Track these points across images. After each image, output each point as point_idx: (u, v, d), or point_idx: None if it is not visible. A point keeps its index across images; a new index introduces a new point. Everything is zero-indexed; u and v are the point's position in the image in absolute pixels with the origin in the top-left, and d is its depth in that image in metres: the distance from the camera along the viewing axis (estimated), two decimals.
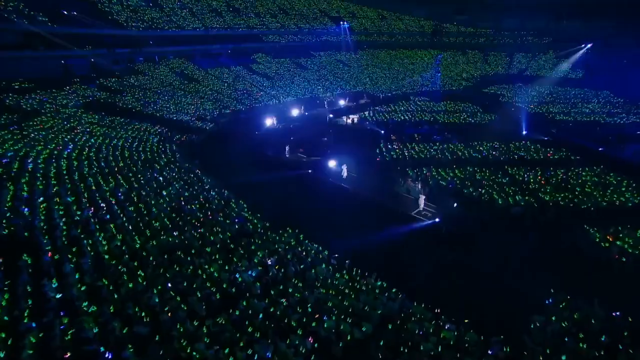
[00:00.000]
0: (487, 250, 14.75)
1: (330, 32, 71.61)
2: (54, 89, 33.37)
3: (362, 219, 16.71)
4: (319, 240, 14.51)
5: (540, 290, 11.44)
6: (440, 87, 56.70)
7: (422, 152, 25.84)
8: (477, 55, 77.47)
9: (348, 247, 14.06)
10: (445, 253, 14.31)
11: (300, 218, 16.77)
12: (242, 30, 59.15)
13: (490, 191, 19.38)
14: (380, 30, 76.61)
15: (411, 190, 20.24)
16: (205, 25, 54.40)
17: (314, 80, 56.80)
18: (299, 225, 15.87)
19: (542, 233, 16.02)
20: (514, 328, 9.46)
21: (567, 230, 16.07)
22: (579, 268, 13.35)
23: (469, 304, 10.88)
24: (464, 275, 12.99)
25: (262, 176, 22.52)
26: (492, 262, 13.90)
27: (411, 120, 35.89)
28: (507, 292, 11.92)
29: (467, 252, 14.46)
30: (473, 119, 36.82)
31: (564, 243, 15.26)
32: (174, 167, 22.18)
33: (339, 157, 24.48)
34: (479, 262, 13.87)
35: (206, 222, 14.83)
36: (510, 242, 15.32)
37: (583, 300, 10.50)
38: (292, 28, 67.16)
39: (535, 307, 10.52)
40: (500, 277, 13.02)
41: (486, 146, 27.09)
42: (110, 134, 27.10)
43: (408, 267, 13.44)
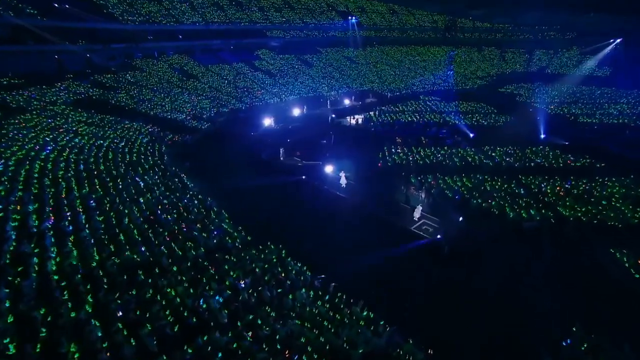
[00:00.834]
0: (495, 273, 13.42)
1: (338, 27, 70.49)
2: (45, 85, 33.11)
3: (355, 234, 15.56)
4: (303, 258, 13.43)
5: (556, 326, 10.11)
6: (452, 86, 55.00)
7: (428, 157, 24.50)
8: (494, 52, 75.26)
9: (335, 267, 12.97)
10: (446, 277, 13.03)
11: (287, 231, 15.79)
12: (245, 25, 58.43)
13: (502, 203, 17.98)
14: (390, 26, 75.13)
15: (411, 200, 18.99)
16: (205, 20, 53.82)
17: (318, 78, 55.78)
18: (285, 239, 14.84)
19: (560, 253, 14.61)
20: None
21: (589, 252, 14.60)
22: (604, 299, 11.89)
23: (470, 342, 9.63)
24: (466, 305, 11.71)
25: (252, 182, 21.56)
26: (500, 289, 12.56)
27: (419, 122, 34.48)
28: (516, 327, 10.61)
29: (471, 276, 13.14)
30: (486, 121, 35.18)
31: (585, 267, 13.81)
32: (158, 171, 21.37)
33: (338, 161, 23.47)
34: (484, 289, 12.55)
35: (181, 235, 13.87)
36: (522, 264, 13.96)
37: (609, 341, 9.13)
38: (297, 23, 66.27)
39: (551, 348, 9.21)
40: (508, 307, 11.69)
41: (499, 151, 25.56)
42: (97, 134, 26.52)
43: (402, 293, 12.22)
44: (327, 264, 13.47)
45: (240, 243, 14.23)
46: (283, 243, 14.25)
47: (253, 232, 15.14)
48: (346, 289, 11.72)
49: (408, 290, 12.34)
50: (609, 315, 10.98)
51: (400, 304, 11.52)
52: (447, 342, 9.45)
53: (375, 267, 13.32)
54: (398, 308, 11.26)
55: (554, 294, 12.45)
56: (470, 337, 9.95)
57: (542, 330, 10.21)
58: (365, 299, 11.01)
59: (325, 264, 13.49)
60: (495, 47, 75.77)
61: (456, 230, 15.49)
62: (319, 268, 13.03)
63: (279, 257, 13.42)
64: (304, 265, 13.09)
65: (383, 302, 11.27)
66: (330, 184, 20.90)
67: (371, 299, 11.10)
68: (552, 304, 11.86)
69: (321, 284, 12.19)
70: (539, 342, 9.69)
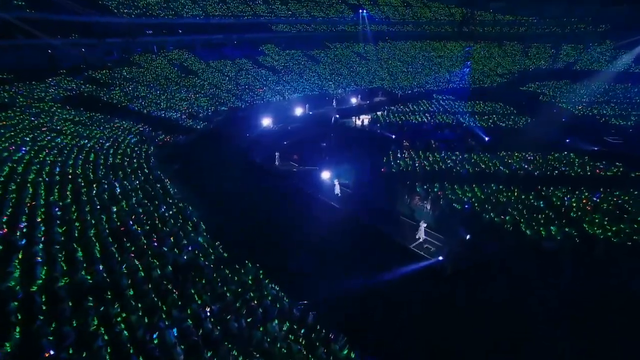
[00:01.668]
0: (505, 303, 11.99)
1: (348, 21, 69.25)
2: (35, 81, 32.95)
3: (346, 252, 14.33)
4: (284, 281, 12.31)
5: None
6: (469, 84, 53.10)
7: (437, 163, 23.05)
8: (516, 47, 72.63)
9: (320, 292, 11.82)
10: (446, 307, 11.67)
11: (270, 247, 14.70)
12: (248, 18, 57.77)
13: (518, 218, 16.47)
14: (404, 19, 73.42)
15: (415, 212, 17.64)
16: (206, 13, 53.34)
17: (325, 75, 54.67)
18: (266, 257, 13.80)
19: (585, 278, 13.07)
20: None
21: (620, 279, 13.00)
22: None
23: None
24: (467, 344, 10.34)
25: (242, 188, 20.62)
26: (510, 324, 11.14)
27: (430, 123, 32.95)
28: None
29: (476, 306, 11.74)
30: (504, 123, 33.36)
31: (615, 296, 12.24)
32: (140, 175, 20.57)
33: (338, 166, 22.35)
34: (490, 323, 11.14)
35: (150, 250, 12.90)
36: (540, 291, 12.48)
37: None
38: (304, 16, 65.30)
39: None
40: (519, 348, 10.28)
41: (517, 158, 23.88)
42: (82, 133, 26.01)
43: (391, 328, 10.92)
44: (311, 287, 12.34)
45: (215, 261, 13.19)
46: (264, 261, 13.22)
47: (232, 248, 14.16)
48: (329, 319, 10.55)
49: (398, 324, 11.01)
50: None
51: (388, 341, 10.22)
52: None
53: (365, 293, 12.06)
54: (384, 347, 9.97)
55: (576, 326, 10.98)
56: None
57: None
58: (348, 334, 9.79)
59: (309, 287, 12.36)
60: (518, 42, 73.04)
61: (461, 250, 14.09)
62: (301, 292, 11.90)
63: (256, 278, 12.32)
64: (284, 289, 11.96)
65: (368, 339, 9.99)
66: (325, 192, 19.71)
67: (355, 334, 9.86)
68: (573, 341, 10.38)
69: (300, 313, 11.02)
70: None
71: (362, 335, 10.15)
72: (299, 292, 11.93)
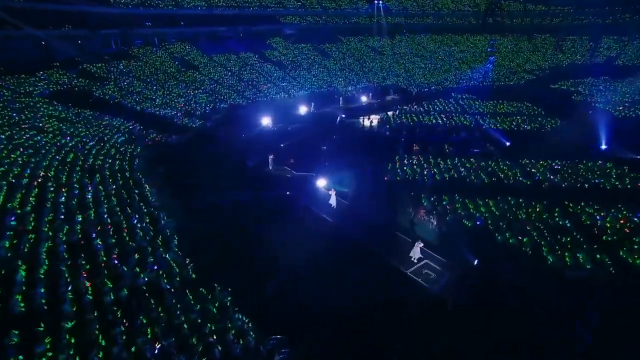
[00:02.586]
0: (519, 346, 10.46)
1: (362, 12, 67.79)
2: (24, 74, 32.96)
3: (334, 274, 13.05)
4: (254, 311, 11.16)
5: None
6: (493, 81, 50.85)
7: (448, 171, 21.46)
8: (549, 40, 69.44)
9: (295, 325, 10.63)
10: (445, 352, 10.22)
11: (247, 268, 13.59)
12: (255, 9, 57.10)
13: (538, 240, 14.79)
14: (423, 11, 71.35)
15: (418, 228, 16.22)
16: (208, 3, 52.90)
17: (335, 71, 53.52)
18: (240, 279, 12.72)
19: (619, 316, 11.39)
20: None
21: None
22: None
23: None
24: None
25: (228, 196, 19.59)
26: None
27: (445, 125, 31.24)
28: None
29: (481, 351, 10.26)
30: (529, 125, 31.29)
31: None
32: (119, 179, 19.84)
33: (337, 173, 21.17)
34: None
35: (107, 269, 11.98)
36: (564, 333, 10.89)
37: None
38: (315, 8, 64.23)
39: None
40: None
41: (541, 166, 22.01)
42: (65, 131, 25.65)
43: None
44: (285, 318, 11.15)
45: (180, 283, 12.16)
46: (237, 285, 12.16)
47: (203, 267, 13.14)
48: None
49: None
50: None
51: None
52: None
53: (347, 329, 10.76)
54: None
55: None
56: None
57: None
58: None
59: (284, 317, 11.17)
60: (551, 35, 69.78)
61: (468, 278, 12.60)
62: (274, 324, 10.73)
63: (223, 306, 11.20)
64: (253, 320, 10.80)
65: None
66: (319, 202, 18.47)
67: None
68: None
69: (267, 352, 9.83)
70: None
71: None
72: (271, 324, 10.77)
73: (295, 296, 12.18)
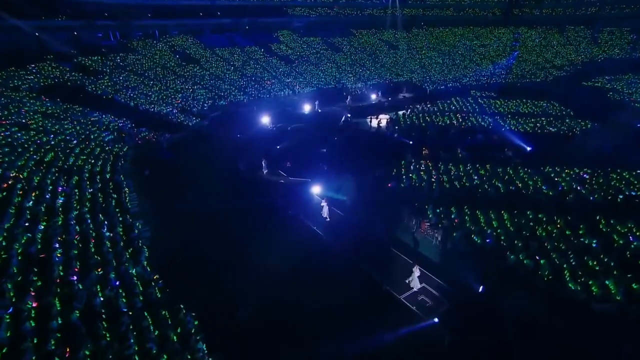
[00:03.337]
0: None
1: (376, 4, 66.41)
2: (14, 67, 32.97)
3: (318, 298, 11.99)
4: (221, 339, 10.21)
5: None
6: (518, 77, 48.85)
7: (459, 179, 20.13)
8: (582, 32, 66.44)
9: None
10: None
11: (222, 286, 12.69)
12: (261, 0, 56.43)
13: (558, 263, 13.39)
14: (443, 1, 69.39)
15: (419, 243, 15.06)
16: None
17: (345, 66, 52.39)
18: (208, 301, 11.82)
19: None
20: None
21: None
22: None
23: None
24: None
25: (214, 203, 18.77)
26: None
27: (460, 126, 29.78)
28: None
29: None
30: (555, 127, 29.52)
31: None
32: (98, 182, 19.24)
33: (335, 179, 20.35)
34: None
35: (61, 288, 11.22)
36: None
37: None
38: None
39: None
40: None
41: (567, 175, 20.43)
42: (50, 128, 25.29)
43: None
44: (257, 350, 10.17)
45: (142, 303, 11.30)
46: (206, 306, 11.30)
47: (172, 285, 12.27)
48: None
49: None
50: None
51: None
52: None
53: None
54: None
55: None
56: None
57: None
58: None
59: (254, 349, 10.20)
60: (585, 26, 66.71)
61: (470, 309, 11.33)
62: (241, 357, 9.79)
63: (184, 333, 10.28)
64: (218, 350, 9.86)
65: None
66: (312, 213, 17.44)
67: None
68: None
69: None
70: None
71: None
72: (239, 357, 9.84)
73: (270, 323, 11.18)
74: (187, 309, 11.14)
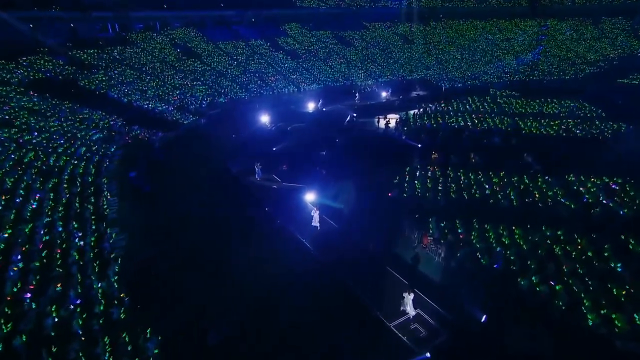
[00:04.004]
0: None
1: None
2: (4, 60, 33.21)
3: (293, 328, 11.21)
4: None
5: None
6: (544, 74, 47.11)
7: (469, 188, 19.02)
8: (620, 24, 63.75)
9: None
10: None
11: (190, 307, 12.01)
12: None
13: (577, 290, 12.25)
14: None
15: (420, 260, 14.13)
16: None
17: (356, 62, 51.49)
18: (177, 322, 11.20)
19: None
20: None
21: None
22: None
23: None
24: None
25: (199, 211, 18.28)
26: None
27: (476, 128, 28.53)
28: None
29: None
30: (583, 131, 28.00)
31: None
32: (78, 185, 18.92)
33: (332, 186, 19.76)
34: None
35: (9, 307, 10.74)
36: None
37: None
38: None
39: None
40: None
41: (593, 185, 19.11)
42: (35, 126, 25.21)
43: None
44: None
45: (103, 324, 10.71)
46: (173, 329, 10.68)
47: (139, 304, 11.74)
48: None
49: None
50: None
51: None
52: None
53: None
54: None
55: None
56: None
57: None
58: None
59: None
60: (624, 17, 63.97)
61: (470, 343, 10.36)
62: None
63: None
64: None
65: None
66: (302, 222, 16.66)
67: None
68: None
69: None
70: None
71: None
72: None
73: (241, 353, 10.46)
74: (154, 332, 10.51)
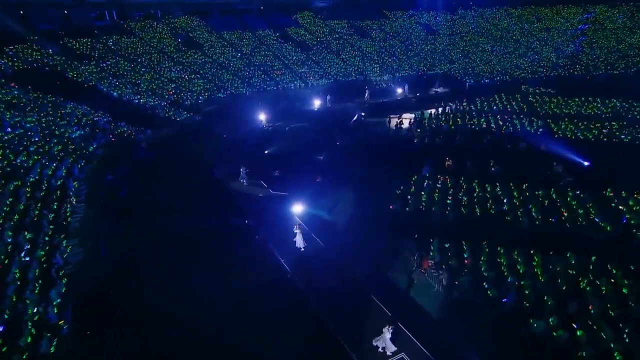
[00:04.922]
0: None
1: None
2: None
3: None
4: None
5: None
6: (587, 69, 44.65)
7: (484, 202, 17.46)
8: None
9: None
10: None
11: (138, 341, 11.09)
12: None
13: (606, 337, 10.70)
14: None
15: (414, 287, 12.82)
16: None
17: (372, 54, 50.14)
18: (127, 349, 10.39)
19: None
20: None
21: None
22: None
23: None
24: None
25: (172, 221, 17.43)
26: None
27: (500, 131, 26.79)
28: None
29: None
30: (629, 136, 25.87)
31: None
32: (43, 189, 18.37)
33: (325, 196, 18.89)
34: None
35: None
36: None
37: None
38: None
39: None
40: None
41: (637, 204, 17.23)
42: (9, 121, 24.94)
43: None
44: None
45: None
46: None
47: (82, 333, 11.06)
48: None
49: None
50: None
51: None
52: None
53: None
54: None
55: None
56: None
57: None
58: None
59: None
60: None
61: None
62: None
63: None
64: None
65: None
66: (285, 239, 15.51)
67: None
68: None
69: None
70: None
71: None
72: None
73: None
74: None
